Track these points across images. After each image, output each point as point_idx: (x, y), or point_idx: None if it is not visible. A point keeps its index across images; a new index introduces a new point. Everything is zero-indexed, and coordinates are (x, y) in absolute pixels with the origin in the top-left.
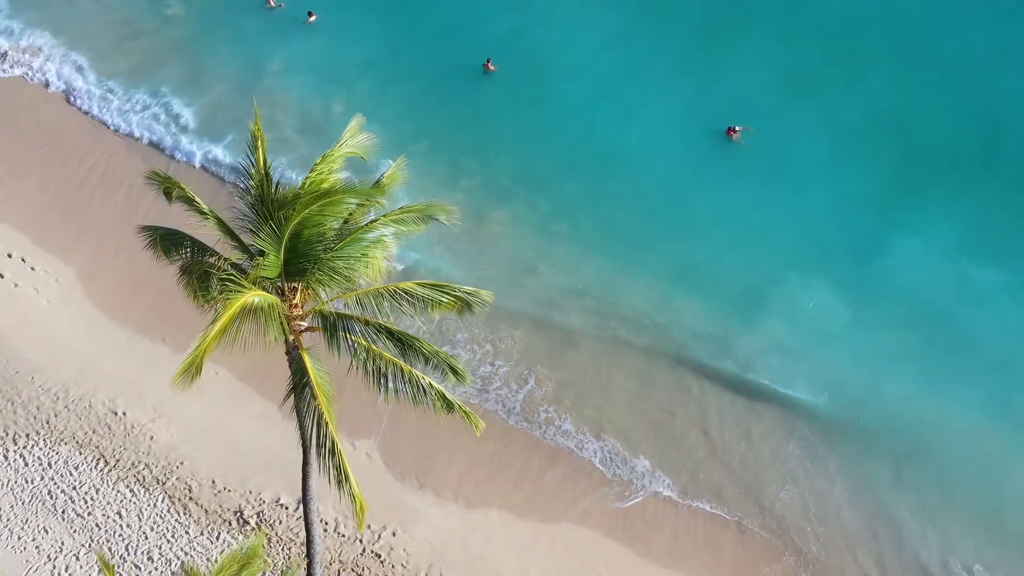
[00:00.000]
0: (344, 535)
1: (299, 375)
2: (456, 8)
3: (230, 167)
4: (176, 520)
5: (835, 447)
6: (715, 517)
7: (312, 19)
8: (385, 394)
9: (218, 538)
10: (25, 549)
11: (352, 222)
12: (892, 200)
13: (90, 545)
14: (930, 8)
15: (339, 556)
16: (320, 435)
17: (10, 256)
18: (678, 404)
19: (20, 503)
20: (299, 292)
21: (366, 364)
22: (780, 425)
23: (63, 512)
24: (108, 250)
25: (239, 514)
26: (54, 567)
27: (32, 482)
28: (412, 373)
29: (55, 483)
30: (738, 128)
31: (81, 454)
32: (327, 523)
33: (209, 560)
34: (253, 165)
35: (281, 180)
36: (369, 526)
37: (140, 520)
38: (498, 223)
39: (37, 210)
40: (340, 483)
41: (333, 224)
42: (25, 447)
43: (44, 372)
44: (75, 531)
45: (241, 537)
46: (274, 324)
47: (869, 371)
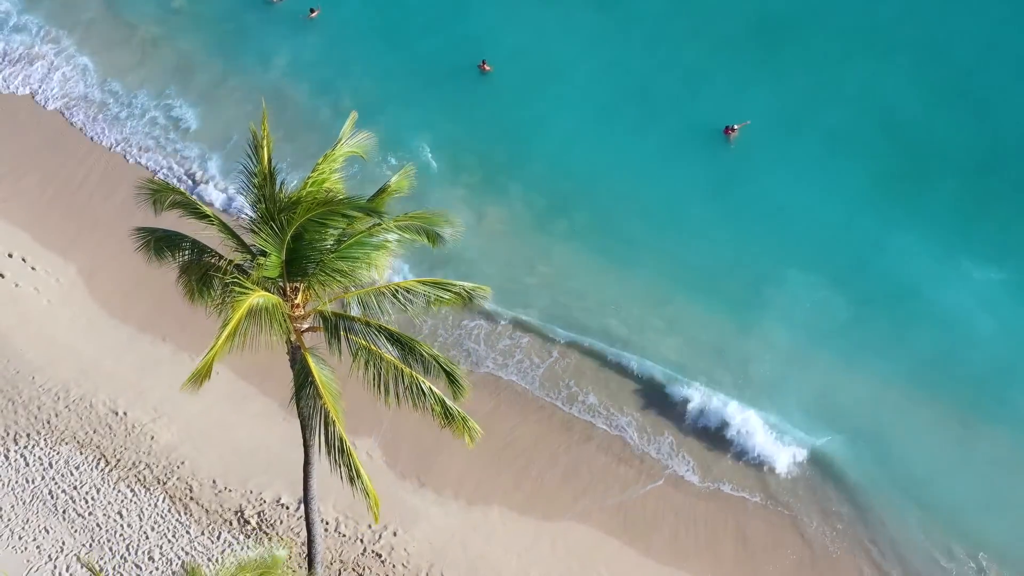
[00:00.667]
0: (345, 535)
1: (302, 375)
2: (452, 6)
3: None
4: (177, 520)
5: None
6: (715, 516)
7: (314, 15)
8: (386, 397)
9: (219, 538)
10: (26, 549)
11: (352, 229)
12: (890, 198)
13: (91, 545)
14: (929, 6)
15: (340, 556)
16: (328, 434)
17: (11, 256)
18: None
19: (21, 503)
20: (301, 292)
21: (367, 365)
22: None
23: (64, 512)
24: (109, 249)
25: (240, 514)
26: (55, 567)
27: (33, 482)
28: (413, 376)
29: (56, 483)
30: (736, 126)
31: (82, 454)
32: (328, 523)
33: (210, 559)
34: (256, 164)
35: (284, 179)
36: (370, 526)
37: (141, 520)
38: (496, 220)
39: (38, 209)
40: (352, 480)
41: (333, 231)
42: (26, 447)
43: (45, 372)
44: (76, 531)
45: (242, 537)
46: (277, 324)
47: (868, 370)
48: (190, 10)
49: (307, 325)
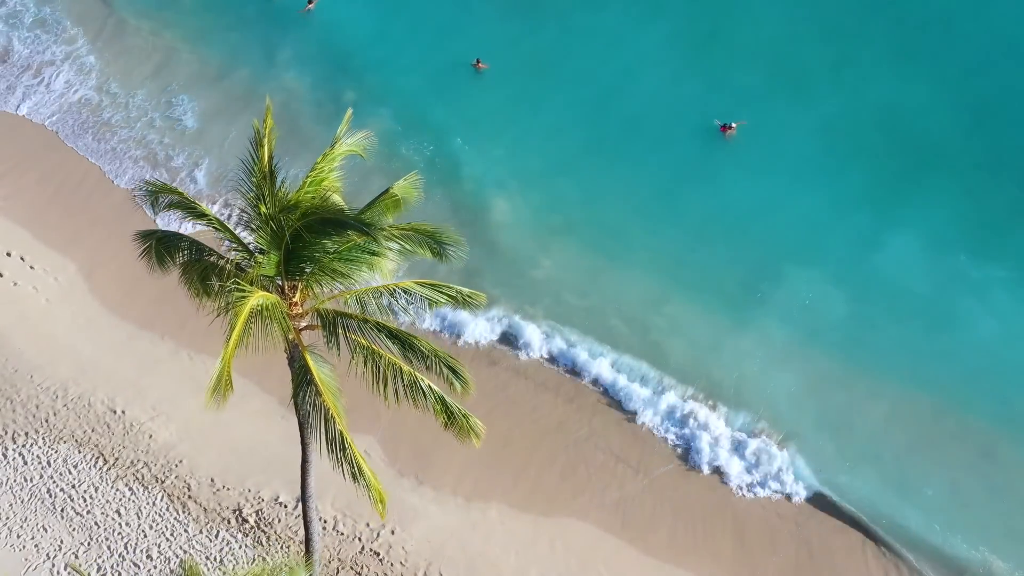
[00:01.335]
0: (343, 533)
1: (301, 373)
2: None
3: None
4: (175, 518)
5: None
6: (713, 514)
7: (310, 6)
8: (385, 395)
9: (217, 536)
10: (24, 547)
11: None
12: (888, 196)
13: (89, 543)
14: (928, 3)
15: (338, 554)
16: (329, 431)
17: (9, 255)
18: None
19: (19, 501)
20: (299, 291)
21: (366, 363)
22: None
23: (62, 510)
24: (109, 247)
25: (238, 512)
26: (53, 565)
27: (31, 480)
28: (412, 374)
29: (54, 481)
30: (733, 124)
31: (80, 452)
32: (326, 521)
33: (208, 558)
34: (256, 162)
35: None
36: (368, 524)
37: (139, 518)
38: (493, 218)
39: (38, 207)
40: (355, 478)
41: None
42: (24, 445)
43: (43, 370)
44: (74, 529)
45: (240, 536)
46: (277, 323)
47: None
48: (184, 4)
49: (305, 323)
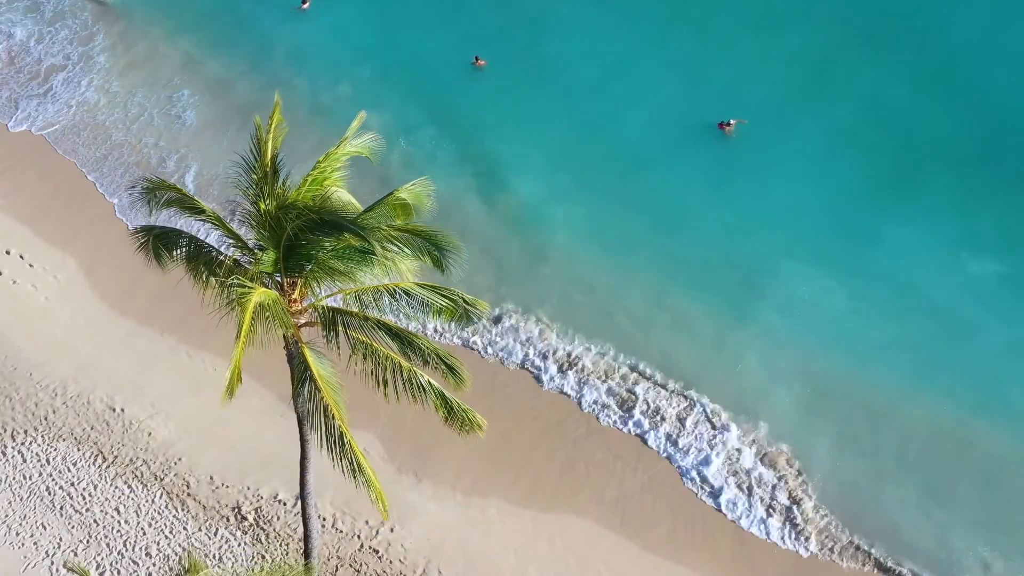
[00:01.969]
0: (342, 531)
1: (300, 370)
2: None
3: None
4: (174, 516)
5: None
6: (712, 512)
7: (305, 6)
8: (384, 392)
9: (216, 534)
10: (23, 545)
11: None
12: (887, 193)
13: (88, 541)
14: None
15: (337, 552)
16: (328, 428)
17: (8, 253)
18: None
19: (18, 499)
20: (298, 287)
21: (365, 359)
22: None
23: (61, 508)
24: (108, 244)
25: (237, 510)
26: (52, 563)
27: (30, 478)
28: (411, 370)
29: (53, 479)
30: (732, 122)
31: (79, 450)
32: (325, 519)
33: (207, 556)
34: (258, 158)
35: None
36: (367, 521)
37: (138, 516)
38: (492, 216)
39: (38, 204)
40: (355, 475)
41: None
42: (23, 443)
43: (42, 368)
44: (73, 527)
45: (239, 533)
46: (279, 320)
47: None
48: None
49: (304, 320)
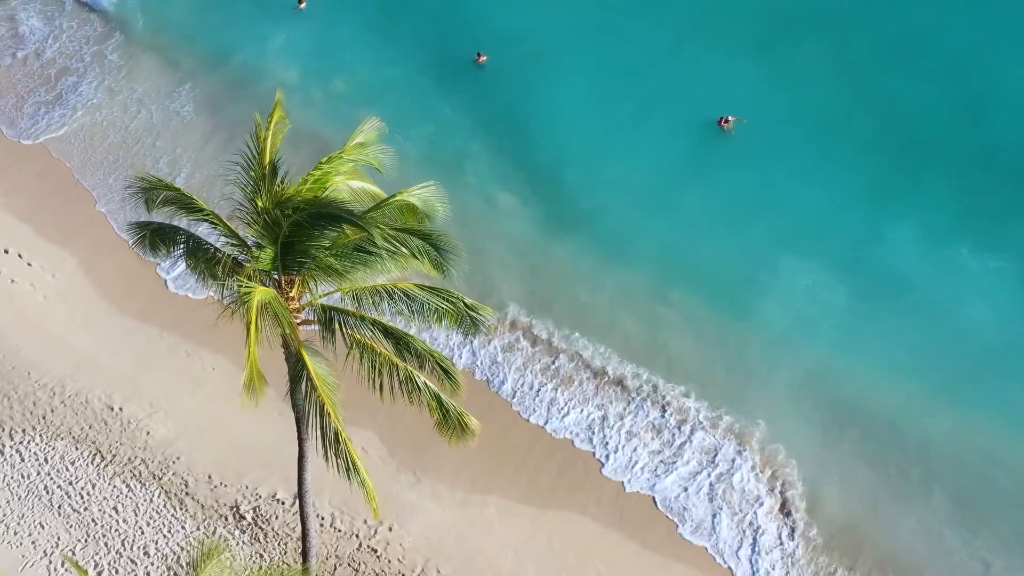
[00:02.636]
0: (340, 530)
1: (297, 368)
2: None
3: None
4: (172, 515)
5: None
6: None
7: (303, 5)
8: (380, 393)
9: (214, 533)
10: (21, 544)
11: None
12: (885, 189)
13: (86, 540)
14: None
15: (335, 551)
16: (324, 427)
17: (6, 252)
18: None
19: (16, 498)
20: (296, 286)
21: (362, 359)
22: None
23: (59, 507)
24: (106, 243)
25: (235, 509)
26: (50, 562)
27: (28, 477)
28: (408, 371)
29: (51, 478)
30: (731, 118)
31: (77, 449)
32: (323, 518)
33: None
34: (257, 155)
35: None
36: (366, 521)
37: (136, 515)
38: (491, 214)
39: (37, 202)
40: (348, 473)
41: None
42: (22, 442)
43: (41, 367)
44: (71, 526)
45: (238, 532)
46: (281, 318)
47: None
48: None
49: (301, 318)
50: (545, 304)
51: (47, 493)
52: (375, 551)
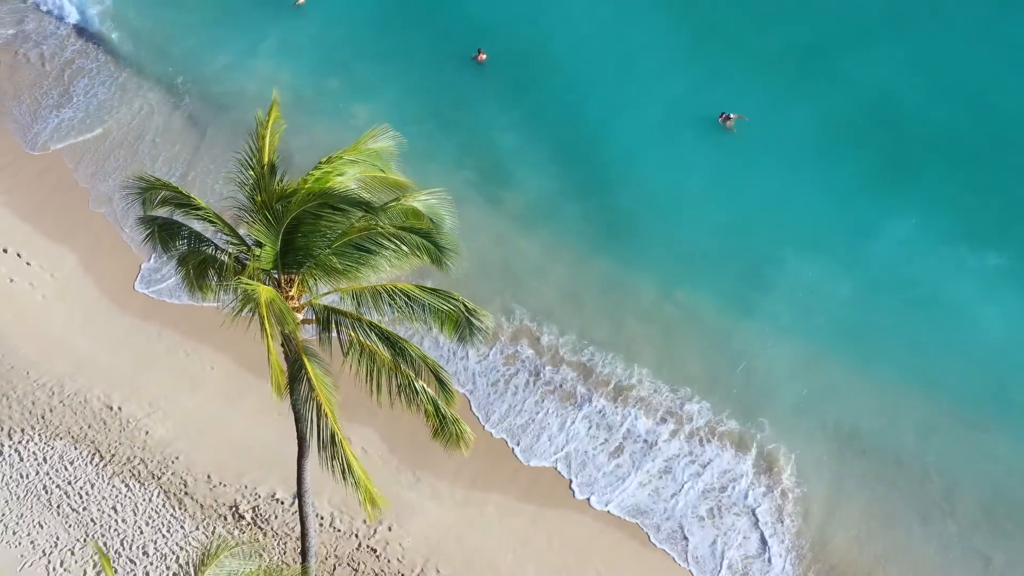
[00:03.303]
0: (340, 530)
1: (296, 367)
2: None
3: None
4: (171, 515)
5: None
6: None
7: (301, 2)
8: (378, 395)
9: (213, 533)
10: (20, 544)
11: (350, 228)
12: (885, 187)
13: (85, 540)
14: None
15: (334, 551)
16: (320, 427)
17: (5, 251)
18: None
19: (15, 498)
20: (295, 284)
21: (360, 361)
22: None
23: (58, 507)
24: (106, 242)
25: (234, 509)
26: (49, 562)
27: (27, 477)
28: (407, 374)
29: (50, 478)
30: (732, 115)
31: (76, 449)
32: (323, 517)
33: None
34: (255, 154)
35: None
36: (365, 521)
37: (135, 515)
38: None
39: (37, 200)
40: (344, 474)
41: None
42: (20, 442)
43: (39, 367)
44: (70, 526)
45: (237, 532)
46: (287, 315)
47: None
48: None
49: (300, 317)
50: (545, 304)
51: (46, 493)
52: (374, 551)
